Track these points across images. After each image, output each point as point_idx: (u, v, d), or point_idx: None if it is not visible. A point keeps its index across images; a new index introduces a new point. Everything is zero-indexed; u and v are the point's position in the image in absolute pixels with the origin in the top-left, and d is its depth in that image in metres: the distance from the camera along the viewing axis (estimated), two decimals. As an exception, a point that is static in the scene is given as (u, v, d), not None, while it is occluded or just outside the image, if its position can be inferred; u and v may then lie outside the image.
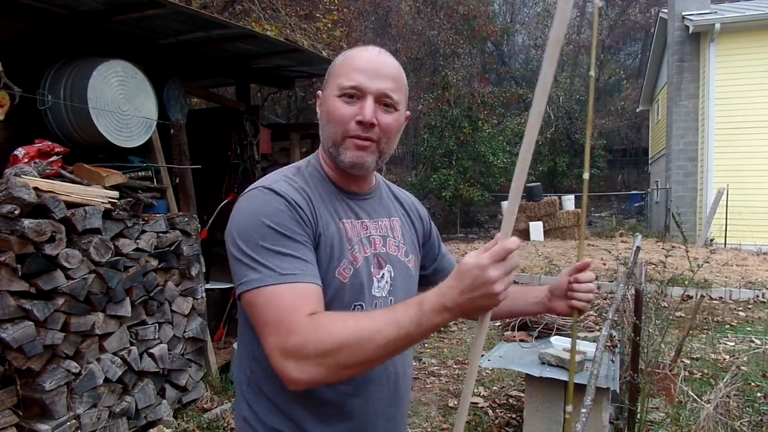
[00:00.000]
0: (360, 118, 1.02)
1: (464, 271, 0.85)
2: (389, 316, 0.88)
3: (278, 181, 1.04)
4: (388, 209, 1.20)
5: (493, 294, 0.84)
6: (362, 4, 16.19)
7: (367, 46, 1.10)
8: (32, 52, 3.55)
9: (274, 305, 0.91)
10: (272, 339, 0.90)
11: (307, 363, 0.87)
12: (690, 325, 3.71)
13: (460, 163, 14.65)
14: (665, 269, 3.59)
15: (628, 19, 23.75)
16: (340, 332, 0.87)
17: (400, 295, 1.13)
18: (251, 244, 0.95)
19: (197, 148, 4.54)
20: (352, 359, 0.87)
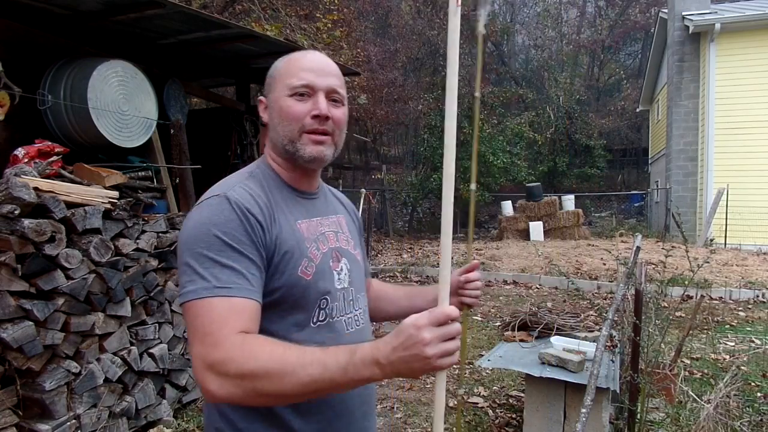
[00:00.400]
0: (316, 112, 1.07)
1: (402, 329, 0.85)
2: (318, 355, 0.87)
3: (234, 187, 1.04)
4: (334, 207, 1.27)
5: (424, 357, 0.82)
6: (362, 4, 16.19)
7: (307, 50, 1.17)
8: (32, 52, 3.55)
9: (205, 316, 0.91)
10: (197, 349, 0.90)
11: (226, 380, 0.87)
12: (690, 325, 3.71)
13: (460, 163, 14.62)
14: (665, 269, 3.58)
15: (628, 19, 23.73)
16: (266, 359, 0.87)
17: (357, 285, 1.19)
18: (195, 253, 0.95)
19: (197, 148, 4.54)
20: (270, 389, 0.87)
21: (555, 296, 7.49)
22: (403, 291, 1.42)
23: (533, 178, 15.47)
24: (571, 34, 23.98)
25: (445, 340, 0.84)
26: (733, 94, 10.99)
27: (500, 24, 21.24)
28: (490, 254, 10.07)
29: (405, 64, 17.59)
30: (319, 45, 9.29)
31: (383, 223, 15.85)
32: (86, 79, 3.38)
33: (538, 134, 17.86)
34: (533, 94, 19.83)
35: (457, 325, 0.87)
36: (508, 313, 5.77)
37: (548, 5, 22.91)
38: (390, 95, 15.82)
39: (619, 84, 24.82)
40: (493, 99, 16.55)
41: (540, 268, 8.71)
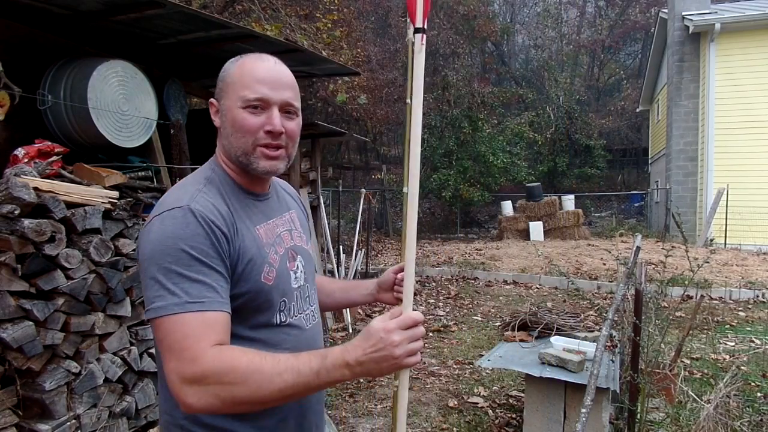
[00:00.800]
0: (269, 128, 1.08)
1: (371, 332, 0.93)
2: (292, 362, 0.93)
3: (195, 197, 1.03)
4: (285, 203, 1.29)
5: (393, 357, 0.92)
6: (362, 4, 16.19)
7: (261, 55, 1.15)
8: (32, 52, 3.55)
9: (178, 332, 0.92)
10: (174, 364, 0.92)
11: (206, 392, 0.90)
12: (690, 325, 3.71)
13: (460, 163, 14.63)
14: (665, 269, 3.58)
15: (628, 19, 23.74)
16: (243, 369, 0.90)
17: (311, 281, 1.25)
18: (163, 268, 0.95)
19: (197, 148, 4.54)
20: (249, 397, 0.91)
21: (555, 296, 7.49)
22: (338, 285, 1.47)
23: (533, 178, 15.46)
24: (571, 34, 23.98)
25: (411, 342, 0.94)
26: (733, 94, 10.99)
27: (500, 24, 21.24)
28: (490, 254, 10.07)
29: (405, 64, 17.57)
30: (319, 45, 9.29)
31: (383, 223, 15.85)
32: (86, 79, 3.38)
33: (538, 134, 17.85)
34: (533, 94, 19.82)
35: (421, 328, 0.96)
36: (508, 313, 5.77)
37: (548, 5, 22.89)
38: (390, 95, 15.83)
39: (619, 84, 24.81)
40: (493, 99, 16.55)
41: (540, 268, 8.71)
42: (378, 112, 15.40)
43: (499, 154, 14.65)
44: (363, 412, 3.72)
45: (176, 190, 1.09)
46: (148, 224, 1.02)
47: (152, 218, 1.02)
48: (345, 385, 4.20)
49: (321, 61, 5.17)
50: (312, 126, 6.17)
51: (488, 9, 20.10)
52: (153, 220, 1.02)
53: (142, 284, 1.00)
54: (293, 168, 5.71)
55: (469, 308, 6.90)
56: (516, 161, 15.45)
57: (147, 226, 1.02)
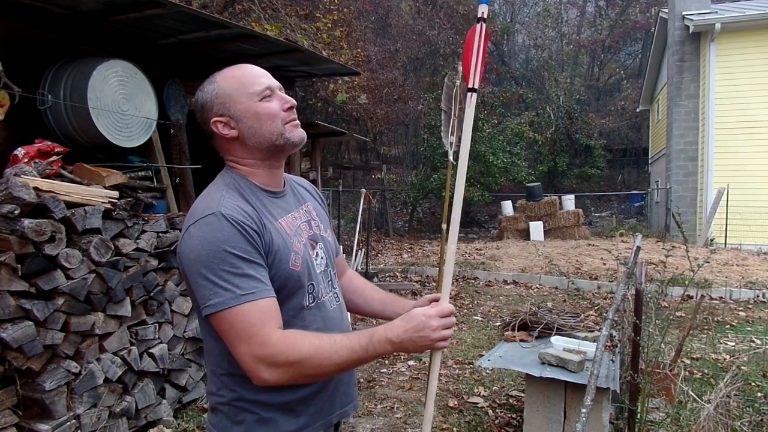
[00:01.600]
0: (288, 105, 1.24)
1: (414, 316, 1.16)
2: (345, 341, 1.13)
3: (221, 203, 1.15)
4: (301, 196, 1.40)
5: (429, 339, 1.15)
6: (362, 4, 16.17)
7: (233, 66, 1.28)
8: (32, 52, 3.55)
9: (243, 321, 1.08)
10: (245, 348, 1.08)
11: (277, 369, 1.08)
12: (690, 325, 3.71)
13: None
14: (665, 269, 3.58)
15: (628, 19, 23.73)
16: (306, 349, 1.09)
17: (332, 264, 1.37)
18: (212, 269, 1.09)
19: (197, 148, 4.54)
20: (312, 372, 1.11)
21: (555, 296, 7.49)
22: (378, 296, 1.55)
23: (533, 178, 15.45)
24: (571, 34, 23.96)
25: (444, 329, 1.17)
26: (733, 94, 10.99)
27: (500, 24, 21.23)
28: (490, 254, 10.07)
29: (405, 64, 17.58)
30: (319, 45, 9.29)
31: (383, 223, 15.84)
32: (86, 79, 3.38)
33: (538, 134, 17.84)
34: (533, 94, 19.82)
35: (453, 318, 1.20)
36: (508, 313, 5.77)
37: (548, 5, 22.87)
38: (390, 95, 15.81)
39: (619, 84, 24.80)
40: (493, 99, 16.54)
41: (540, 268, 8.71)
42: (378, 112, 15.38)
43: (499, 154, 14.64)
44: (363, 412, 3.72)
45: (202, 199, 1.21)
46: (185, 233, 1.15)
47: (187, 227, 1.15)
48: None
49: (321, 61, 5.17)
50: (312, 126, 6.17)
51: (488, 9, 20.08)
52: (189, 229, 1.14)
53: (190, 287, 1.14)
54: (293, 168, 5.71)
55: (469, 308, 6.90)
56: (516, 161, 15.44)
57: (184, 234, 1.15)
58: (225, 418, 1.21)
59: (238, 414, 1.20)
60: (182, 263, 1.15)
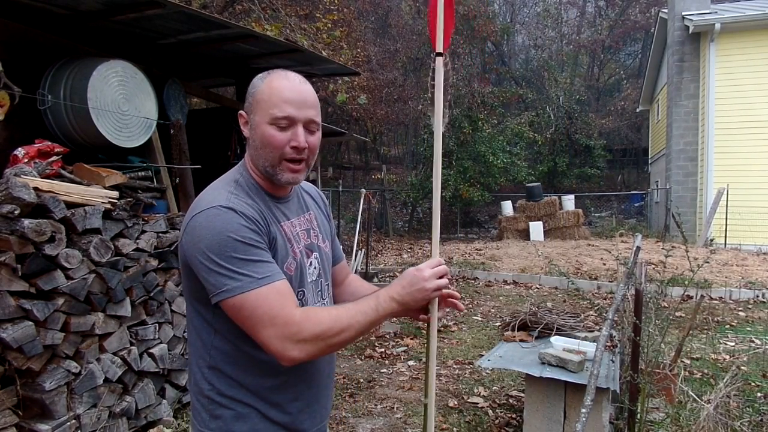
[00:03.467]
0: (295, 144, 1.21)
1: (406, 273, 1.26)
2: (357, 307, 1.19)
3: (229, 198, 1.18)
4: (305, 204, 1.42)
5: (425, 288, 1.23)
6: (362, 4, 16.17)
7: (287, 74, 1.25)
8: (32, 52, 3.55)
9: (263, 305, 1.11)
10: (270, 331, 1.11)
11: (305, 344, 1.12)
12: (690, 325, 3.71)
13: (460, 163, 14.62)
14: (665, 269, 3.58)
15: (628, 19, 23.72)
16: (327, 321, 1.14)
17: (325, 276, 1.40)
18: (225, 257, 1.11)
19: (197, 148, 4.54)
20: (337, 341, 1.16)
21: (555, 296, 7.49)
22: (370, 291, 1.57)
23: (533, 178, 15.45)
24: (571, 34, 23.96)
25: (437, 277, 1.25)
26: (732, 94, 10.98)
27: (500, 24, 21.23)
28: (490, 254, 10.07)
29: (405, 64, 17.58)
30: (319, 45, 9.28)
31: (383, 223, 15.84)
32: (86, 79, 3.38)
33: (538, 134, 17.83)
34: (533, 94, 19.81)
35: (444, 267, 1.27)
36: (508, 313, 5.77)
37: (548, 5, 22.87)
38: (390, 95, 15.81)
39: (619, 84, 24.80)
40: (493, 99, 16.53)
41: (540, 268, 8.71)
42: (378, 112, 15.38)
43: (499, 154, 14.64)
44: (363, 412, 3.72)
45: (210, 191, 1.22)
46: (190, 222, 1.17)
47: (192, 216, 1.17)
48: (345, 385, 4.20)
49: (321, 61, 5.17)
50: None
51: (488, 9, 20.08)
52: (195, 218, 1.16)
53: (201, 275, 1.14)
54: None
55: (469, 308, 6.90)
56: (516, 161, 15.43)
57: (190, 223, 1.17)
58: (204, 411, 1.24)
59: (216, 408, 1.22)
60: (188, 253, 1.16)
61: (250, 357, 1.21)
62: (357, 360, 4.87)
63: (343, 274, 1.57)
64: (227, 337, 1.20)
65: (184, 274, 1.23)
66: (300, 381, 1.27)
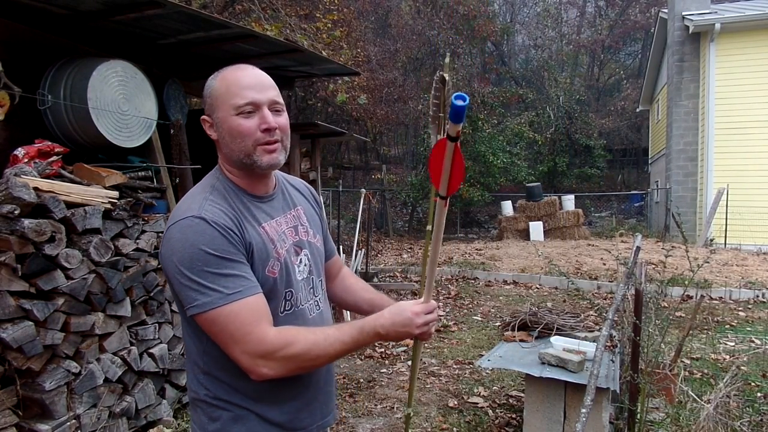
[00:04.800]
0: (265, 126, 1.18)
1: (402, 311, 1.21)
2: (338, 335, 1.18)
3: (203, 206, 1.15)
4: (292, 200, 1.38)
5: (412, 333, 1.22)
6: (362, 4, 16.17)
7: (238, 66, 1.24)
8: (32, 52, 3.55)
9: (235, 321, 1.10)
10: (242, 347, 1.11)
11: (276, 364, 1.12)
12: (690, 325, 3.71)
13: (460, 163, 14.62)
14: (665, 269, 3.58)
15: (628, 19, 23.72)
16: (301, 344, 1.14)
17: (317, 272, 1.37)
18: (195, 271, 1.09)
19: (197, 148, 4.54)
20: (308, 364, 1.17)
21: (555, 296, 7.49)
22: (368, 296, 1.55)
23: (533, 178, 15.45)
24: (571, 34, 23.96)
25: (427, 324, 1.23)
26: (732, 94, 10.98)
27: (500, 24, 21.22)
28: (490, 254, 10.07)
29: (405, 64, 17.57)
30: (319, 45, 9.28)
31: (383, 223, 15.84)
32: (86, 79, 3.38)
33: (538, 134, 17.83)
34: (533, 94, 19.80)
35: (436, 314, 1.26)
36: (508, 313, 5.77)
37: (548, 5, 22.87)
38: (390, 95, 15.80)
39: (619, 84, 24.79)
40: (493, 99, 16.53)
41: (540, 268, 8.71)
42: (378, 112, 15.37)
43: (499, 154, 14.64)
44: (363, 412, 3.72)
45: (185, 200, 1.20)
46: (166, 234, 1.15)
47: (168, 228, 1.15)
48: (345, 385, 4.20)
49: (321, 61, 5.16)
50: (312, 126, 6.17)
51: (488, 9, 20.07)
52: (170, 230, 1.14)
53: (174, 289, 1.15)
54: (293, 168, 5.71)
55: (469, 308, 6.90)
56: (516, 161, 15.43)
57: (166, 236, 1.16)
58: (202, 414, 1.25)
59: (214, 411, 1.23)
60: (164, 265, 1.15)
61: None
62: (357, 360, 4.87)
63: (336, 269, 1.55)
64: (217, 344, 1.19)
65: (169, 285, 1.21)
66: (296, 381, 1.26)
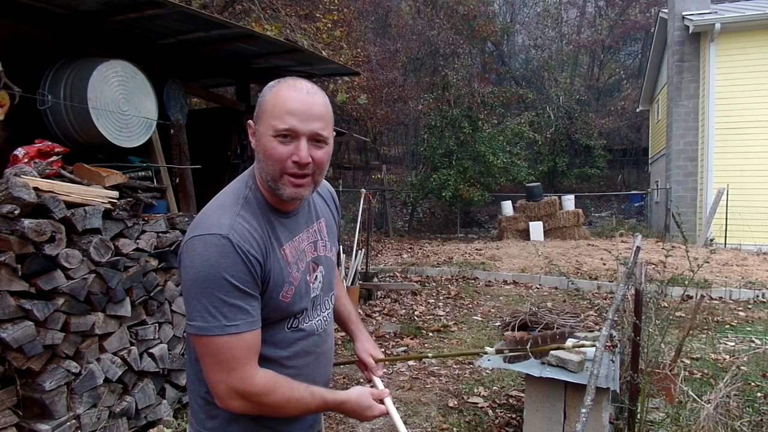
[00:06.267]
0: (296, 159, 1.15)
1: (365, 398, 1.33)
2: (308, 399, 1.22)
3: (234, 224, 1.14)
4: (315, 213, 1.36)
5: (365, 417, 1.35)
6: (362, 4, 16.17)
7: (296, 83, 1.18)
8: (32, 52, 3.55)
9: (226, 353, 1.11)
10: (223, 377, 1.13)
11: (246, 404, 1.15)
12: (690, 325, 3.71)
13: (460, 163, 14.61)
14: (665, 269, 3.58)
15: (628, 19, 23.72)
16: (277, 397, 1.17)
17: (328, 287, 1.38)
18: (207, 291, 1.10)
19: (197, 148, 4.54)
20: (274, 412, 1.21)
21: (555, 296, 7.49)
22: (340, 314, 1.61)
23: (533, 178, 15.44)
24: (571, 34, 23.97)
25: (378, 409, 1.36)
26: (732, 94, 10.98)
27: (500, 24, 21.23)
28: (490, 254, 10.06)
29: (405, 64, 17.57)
30: (319, 45, 9.28)
31: (383, 223, 15.84)
32: (86, 79, 3.38)
33: (538, 134, 17.83)
34: (533, 94, 19.81)
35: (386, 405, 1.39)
36: (508, 313, 5.77)
37: (548, 5, 22.87)
38: (390, 95, 15.80)
39: (619, 84, 24.81)
40: (493, 99, 16.53)
41: (540, 268, 8.71)
42: (378, 112, 15.37)
43: (499, 154, 14.63)
44: (363, 412, 3.72)
45: (216, 209, 1.18)
46: (190, 242, 1.13)
47: (193, 237, 1.14)
48: (345, 385, 4.20)
49: (321, 61, 5.17)
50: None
51: (488, 9, 20.09)
52: (194, 241, 1.13)
53: (184, 298, 1.15)
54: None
55: (469, 308, 6.90)
56: (516, 161, 15.42)
57: (189, 243, 1.14)
58: (201, 411, 1.26)
59: (213, 409, 1.23)
60: (181, 268, 1.16)
61: None
62: (357, 360, 4.87)
63: None
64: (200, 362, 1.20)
65: None
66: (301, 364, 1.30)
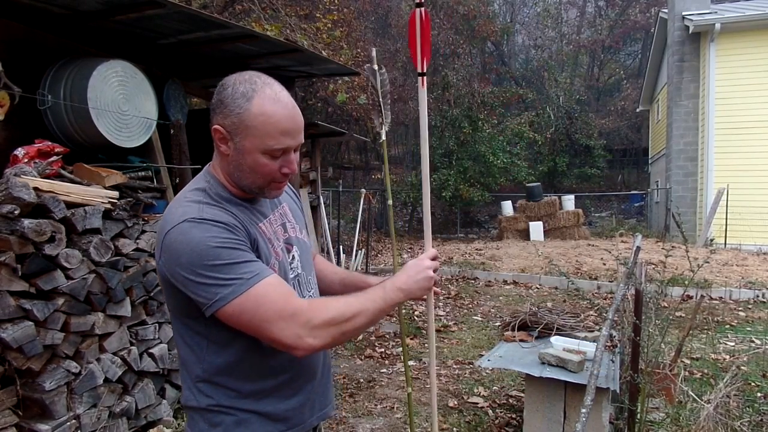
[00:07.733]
0: (286, 171, 1.20)
1: (410, 265, 1.31)
2: (366, 296, 1.21)
3: (201, 208, 1.13)
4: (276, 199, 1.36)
5: (428, 277, 1.29)
6: (362, 4, 16.18)
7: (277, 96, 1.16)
8: (32, 52, 3.55)
9: (265, 302, 1.08)
10: (280, 325, 1.09)
11: (318, 331, 1.11)
12: (690, 325, 3.70)
13: (460, 163, 14.62)
14: (665, 269, 3.57)
15: (628, 19, 23.73)
16: (335, 308, 1.14)
17: (308, 268, 1.38)
18: (208, 266, 1.07)
19: (197, 148, 4.54)
20: (349, 325, 1.15)
21: (555, 296, 7.49)
22: (339, 276, 1.56)
23: (533, 178, 15.45)
24: (571, 34, 23.97)
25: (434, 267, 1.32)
26: (733, 94, 10.98)
27: (500, 24, 21.22)
28: (490, 254, 10.07)
29: (405, 64, 17.56)
30: (319, 45, 9.28)
31: (383, 223, 15.84)
32: (86, 79, 3.38)
33: (538, 134, 17.83)
34: (533, 94, 19.81)
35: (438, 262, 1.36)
36: (508, 313, 5.77)
37: (548, 5, 22.87)
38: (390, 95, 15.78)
39: (619, 84, 24.81)
40: (493, 99, 16.53)
41: (540, 268, 8.71)
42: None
43: (499, 154, 14.63)
44: (363, 412, 3.72)
45: (178, 207, 1.16)
46: (165, 240, 1.11)
47: (165, 234, 1.12)
48: (345, 385, 4.20)
49: (321, 61, 5.17)
50: (312, 126, 6.17)
51: (488, 9, 20.07)
52: (169, 235, 1.11)
53: (189, 290, 1.10)
54: (293, 168, 5.70)
55: (469, 308, 6.90)
56: (516, 161, 15.43)
57: (165, 242, 1.12)
58: (201, 420, 1.22)
59: (215, 417, 1.20)
60: (170, 270, 1.11)
61: (248, 362, 1.19)
62: (357, 360, 4.87)
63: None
64: (223, 346, 1.17)
65: (167, 293, 1.19)
66: (299, 376, 1.26)
